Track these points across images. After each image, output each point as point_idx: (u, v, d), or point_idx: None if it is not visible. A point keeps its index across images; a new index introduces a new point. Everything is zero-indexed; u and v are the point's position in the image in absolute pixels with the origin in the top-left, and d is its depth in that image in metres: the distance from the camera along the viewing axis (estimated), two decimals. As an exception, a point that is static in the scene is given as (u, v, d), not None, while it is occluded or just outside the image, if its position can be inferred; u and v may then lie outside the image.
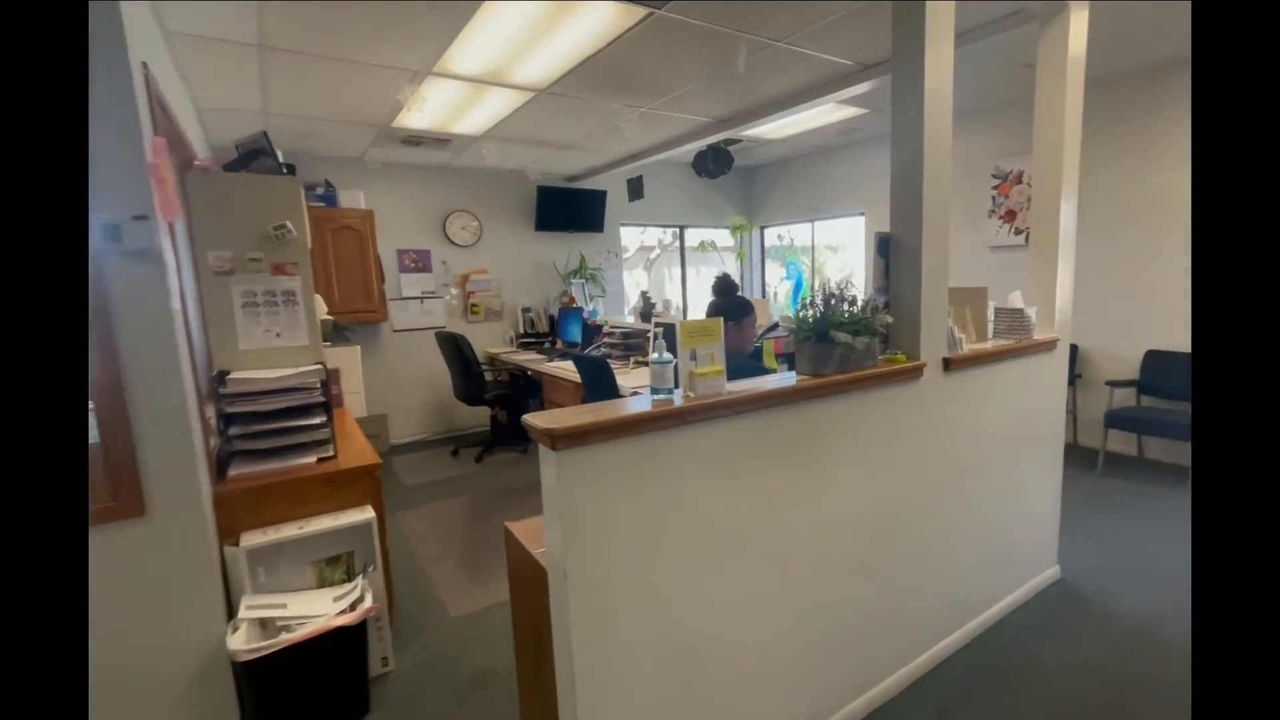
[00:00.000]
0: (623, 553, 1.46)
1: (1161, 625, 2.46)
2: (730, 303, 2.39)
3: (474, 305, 6.01)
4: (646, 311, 5.40)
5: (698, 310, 7.51)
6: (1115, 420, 4.06)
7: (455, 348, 4.97)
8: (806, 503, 1.81)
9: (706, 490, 1.58)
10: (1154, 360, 4.23)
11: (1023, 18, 2.86)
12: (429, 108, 3.95)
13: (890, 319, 1.94)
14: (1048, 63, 2.52)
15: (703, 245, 7.70)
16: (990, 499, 2.43)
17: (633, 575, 1.48)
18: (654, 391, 1.53)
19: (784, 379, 1.78)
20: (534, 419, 1.40)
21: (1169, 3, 2.99)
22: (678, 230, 7.54)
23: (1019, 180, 4.84)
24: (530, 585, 1.65)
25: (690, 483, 1.55)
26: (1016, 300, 2.44)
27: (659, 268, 7.80)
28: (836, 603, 1.94)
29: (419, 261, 5.71)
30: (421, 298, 5.75)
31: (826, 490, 1.85)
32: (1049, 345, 2.55)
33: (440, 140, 4.76)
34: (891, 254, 2.09)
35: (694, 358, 1.53)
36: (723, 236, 7.80)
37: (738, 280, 7.82)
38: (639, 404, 1.50)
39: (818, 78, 3.78)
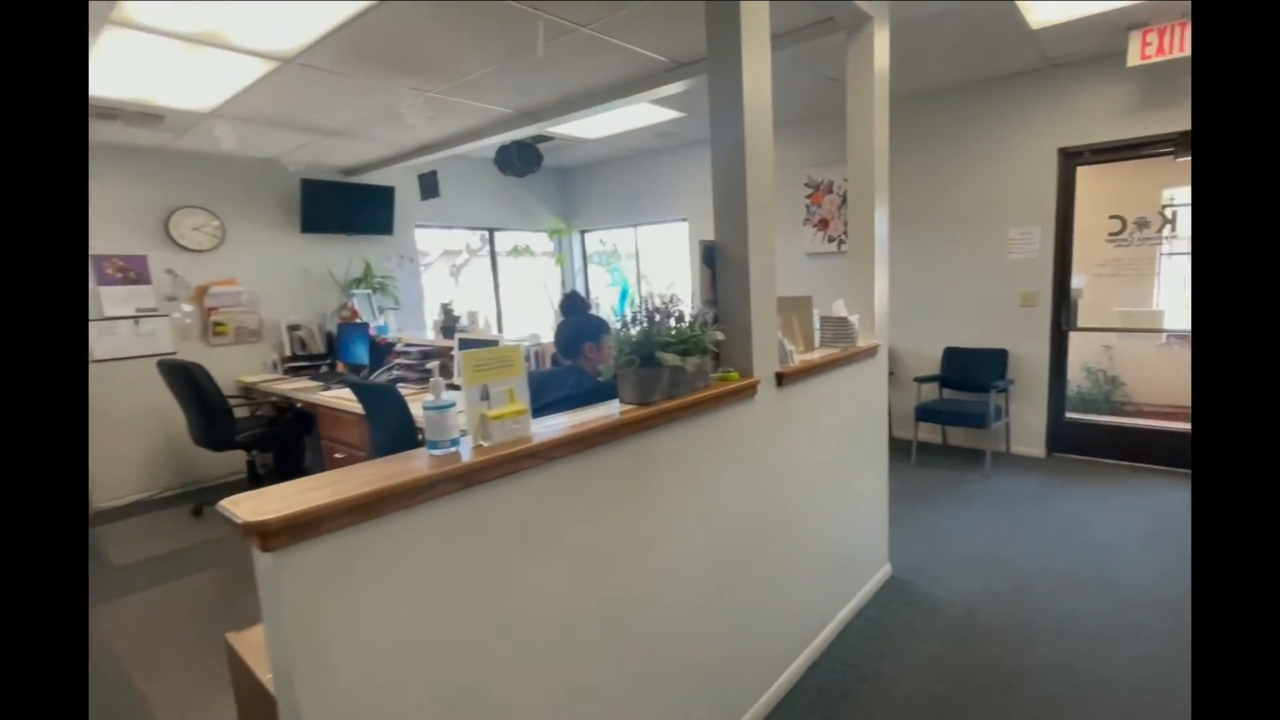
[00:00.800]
0: (396, 672, 1.07)
1: (981, 606, 2.70)
2: (589, 321, 2.10)
3: (218, 324, 4.97)
4: (449, 326, 4.88)
5: (518, 322, 7.13)
6: (924, 414, 4.50)
7: (188, 379, 4.03)
8: (641, 553, 1.56)
9: (514, 565, 1.25)
10: (951, 356, 4.76)
11: (829, 28, 2.95)
12: (118, 68, 3.10)
13: (721, 335, 1.78)
14: (856, 75, 2.60)
15: (516, 250, 7.30)
16: (828, 509, 2.42)
17: (414, 701, 1.09)
18: (431, 445, 1.17)
19: (606, 411, 1.51)
20: (235, 505, 0.96)
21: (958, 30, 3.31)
22: (486, 233, 7.08)
23: (829, 190, 5.22)
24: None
25: (490, 561, 1.21)
26: (840, 308, 2.46)
27: (472, 274, 7.23)
28: (681, 659, 1.74)
29: (130, 271, 4.57)
30: (136, 317, 4.61)
31: (663, 534, 1.63)
32: (871, 351, 2.62)
33: (147, 115, 3.82)
34: (718, 264, 1.93)
35: (485, 396, 1.20)
36: (540, 240, 7.49)
37: (561, 288, 7.60)
38: (408, 464, 1.12)
39: (629, 73, 3.66)
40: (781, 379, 2.03)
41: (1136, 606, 2.68)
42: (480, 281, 7.21)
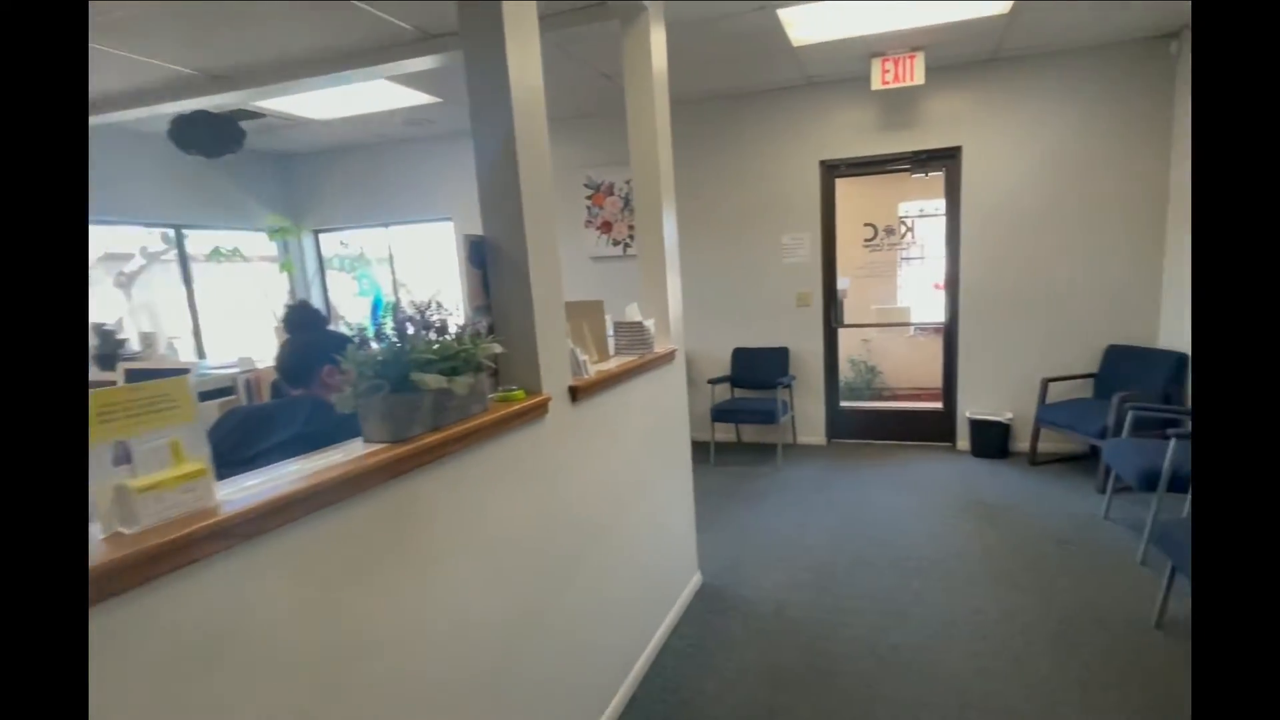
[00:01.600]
0: None
1: (789, 599, 2.78)
2: (325, 338, 1.66)
3: None
4: (110, 354, 3.60)
5: (227, 344, 5.49)
6: (719, 414, 4.62)
7: None
8: (405, 635, 1.24)
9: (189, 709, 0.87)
10: (740, 356, 4.98)
11: (602, 12, 2.83)
12: None
13: (499, 347, 1.52)
14: (634, 71, 2.51)
15: (219, 253, 5.92)
16: (637, 528, 2.27)
17: None
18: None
19: (345, 456, 1.17)
20: None
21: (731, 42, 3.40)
22: (171, 231, 5.49)
23: (611, 192, 5.17)
24: None
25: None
26: (635, 313, 2.33)
27: (157, 285, 5.47)
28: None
29: None
30: None
31: (437, 600, 1.31)
32: (669, 357, 2.54)
33: None
34: (491, 264, 1.67)
35: (128, 458, 0.81)
36: (257, 242, 6.18)
37: (291, 299, 6.34)
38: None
39: (361, 40, 3.19)
40: (576, 393, 1.82)
41: (916, 574, 2.94)
42: (170, 295, 5.53)
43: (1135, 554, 3.02)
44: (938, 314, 4.81)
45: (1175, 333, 4.02)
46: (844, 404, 5.07)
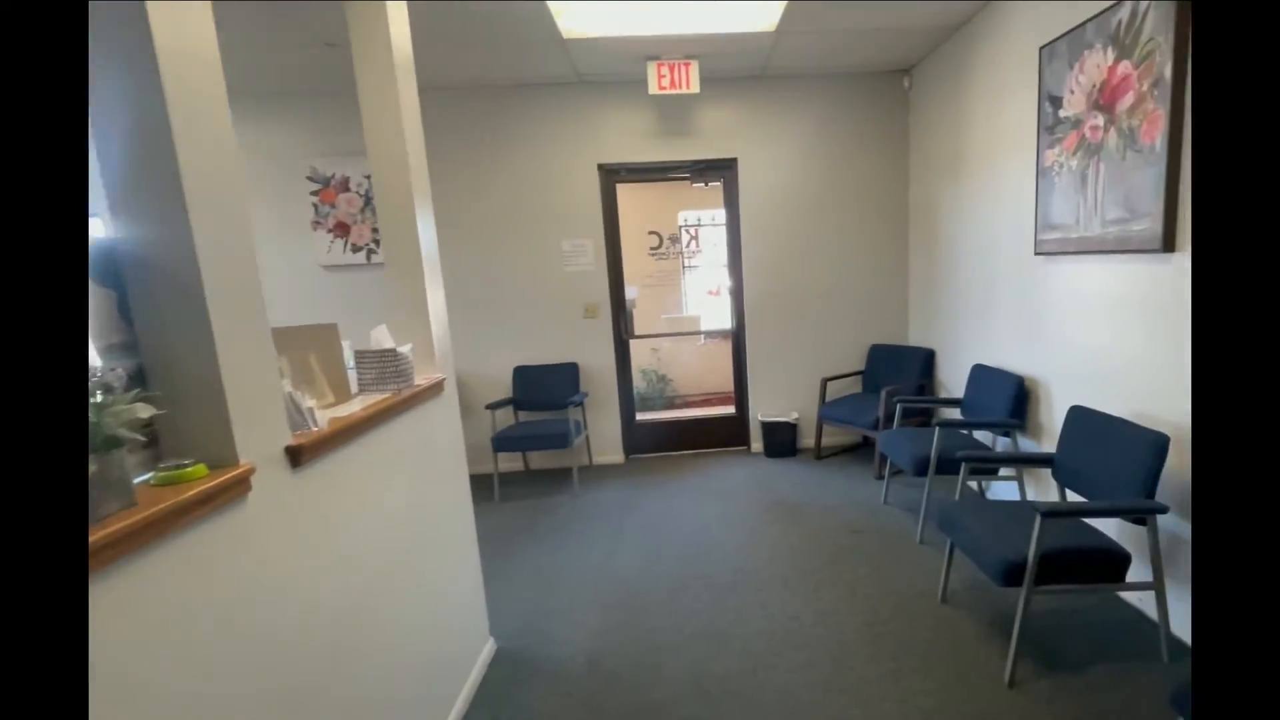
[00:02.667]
0: None
1: (604, 646, 2.51)
2: None
3: None
4: None
5: None
6: (503, 443, 4.16)
7: None
8: None
9: None
10: (523, 376, 4.60)
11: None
12: None
13: (148, 409, 1.01)
14: (365, 43, 2.04)
15: None
16: (405, 608, 1.81)
17: None
18: None
19: None
20: None
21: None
22: None
23: (346, 187, 4.47)
24: None
25: None
26: (384, 338, 1.87)
27: None
28: None
29: None
30: None
31: None
32: (436, 388, 2.10)
33: None
34: (133, 282, 1.15)
35: None
36: None
37: None
38: None
39: None
40: (298, 455, 1.34)
41: (732, 590, 2.86)
42: None
43: (915, 534, 3.28)
44: (725, 320, 4.94)
45: (921, 330, 4.54)
46: (640, 417, 4.99)
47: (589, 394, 4.69)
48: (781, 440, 4.61)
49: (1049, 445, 3.12)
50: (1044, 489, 3.18)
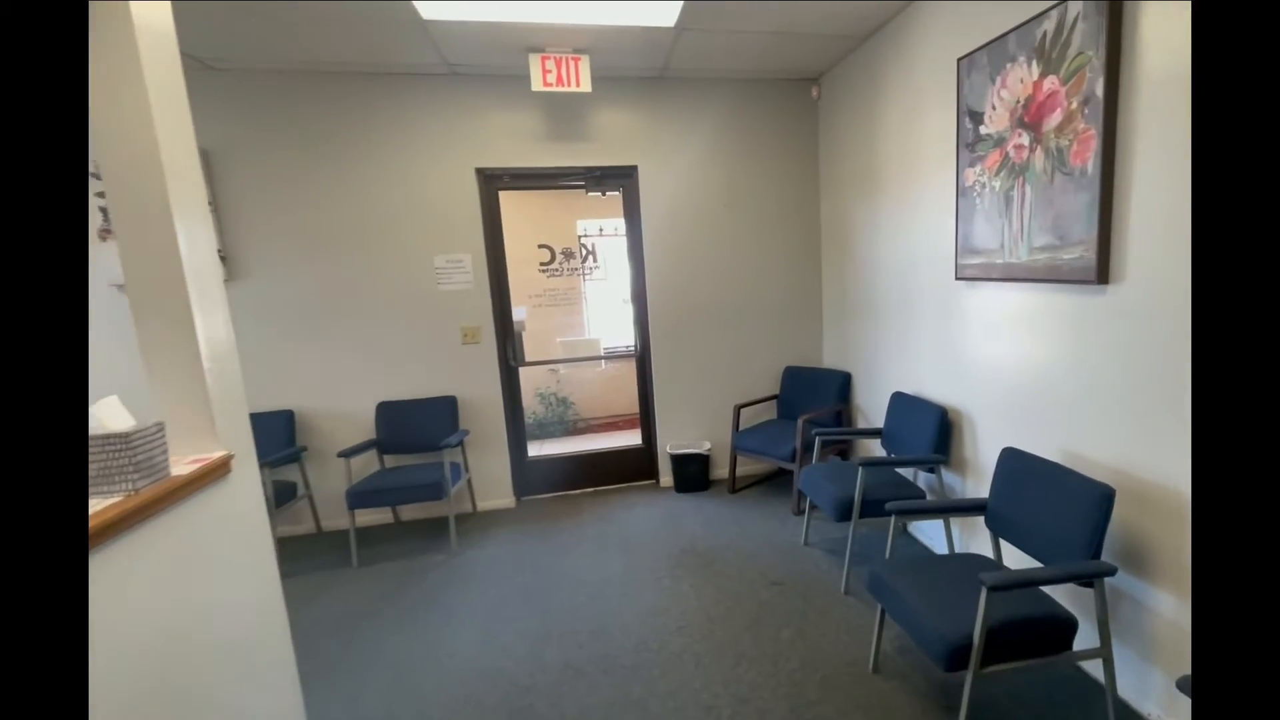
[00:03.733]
0: None
1: None
2: None
3: None
4: None
5: None
6: (360, 498, 3.52)
7: None
8: None
9: None
10: (389, 413, 4.00)
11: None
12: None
13: None
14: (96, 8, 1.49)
15: None
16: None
17: None
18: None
19: None
20: None
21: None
22: None
23: None
24: None
25: None
26: (113, 416, 1.32)
27: None
28: None
29: None
30: None
31: None
32: (217, 470, 1.56)
33: None
34: None
35: None
36: None
37: None
38: None
39: None
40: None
41: (636, 674, 2.45)
42: None
43: (839, 584, 3.03)
44: (629, 338, 4.56)
45: (836, 352, 4.35)
46: (533, 454, 4.51)
47: (470, 430, 4.17)
48: (692, 474, 4.27)
49: (974, 481, 2.95)
50: (970, 530, 3.00)
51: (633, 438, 4.64)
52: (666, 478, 4.43)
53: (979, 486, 2.91)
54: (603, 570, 3.32)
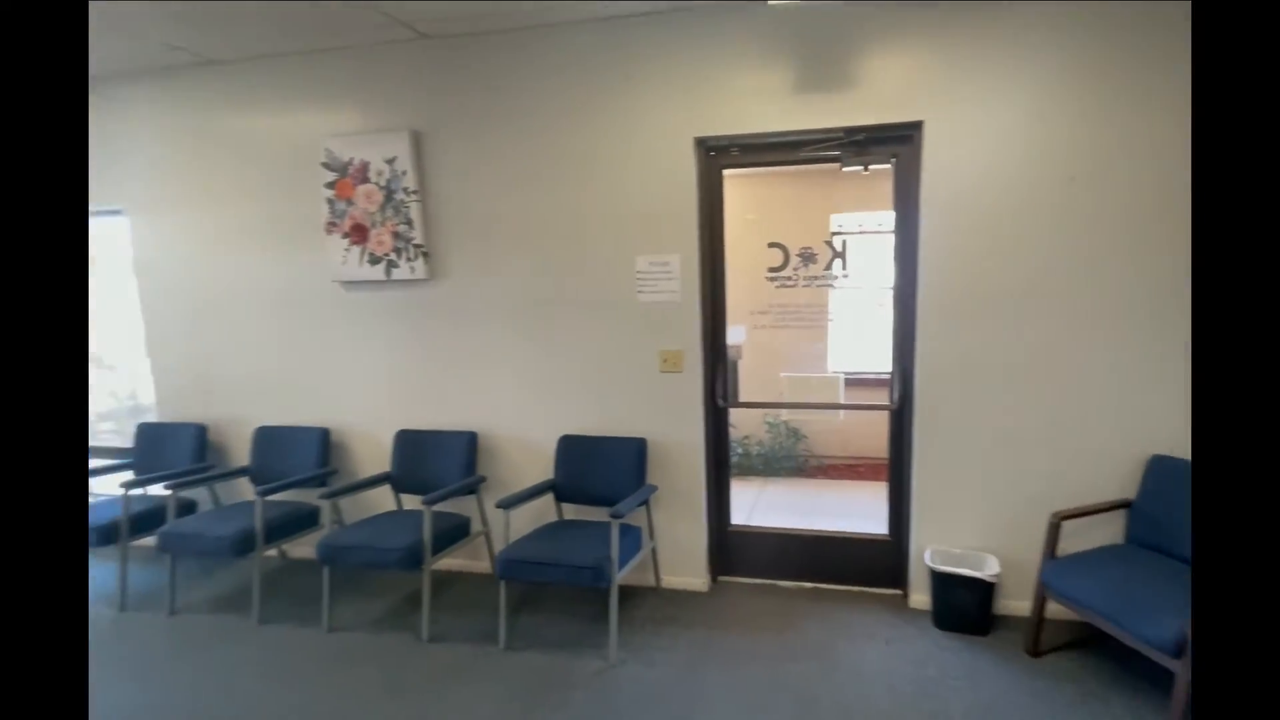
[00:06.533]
0: None
1: None
2: None
3: None
4: None
5: None
6: (509, 568, 2.72)
7: None
8: None
9: None
10: (568, 452, 3.24)
11: None
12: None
13: None
14: None
15: None
16: None
17: None
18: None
19: None
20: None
21: None
22: None
23: (364, 176, 3.34)
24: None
25: None
26: None
27: None
28: None
29: None
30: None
31: None
32: None
33: None
34: None
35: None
36: None
37: None
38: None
39: None
40: None
41: None
42: None
43: None
44: (879, 365, 3.24)
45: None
46: (736, 524, 3.44)
47: (659, 486, 3.24)
48: (964, 604, 2.83)
49: None
50: None
51: (875, 509, 3.31)
52: (920, 594, 3.05)
53: None
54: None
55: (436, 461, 3.35)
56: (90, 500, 3.57)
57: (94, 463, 3.71)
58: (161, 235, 3.74)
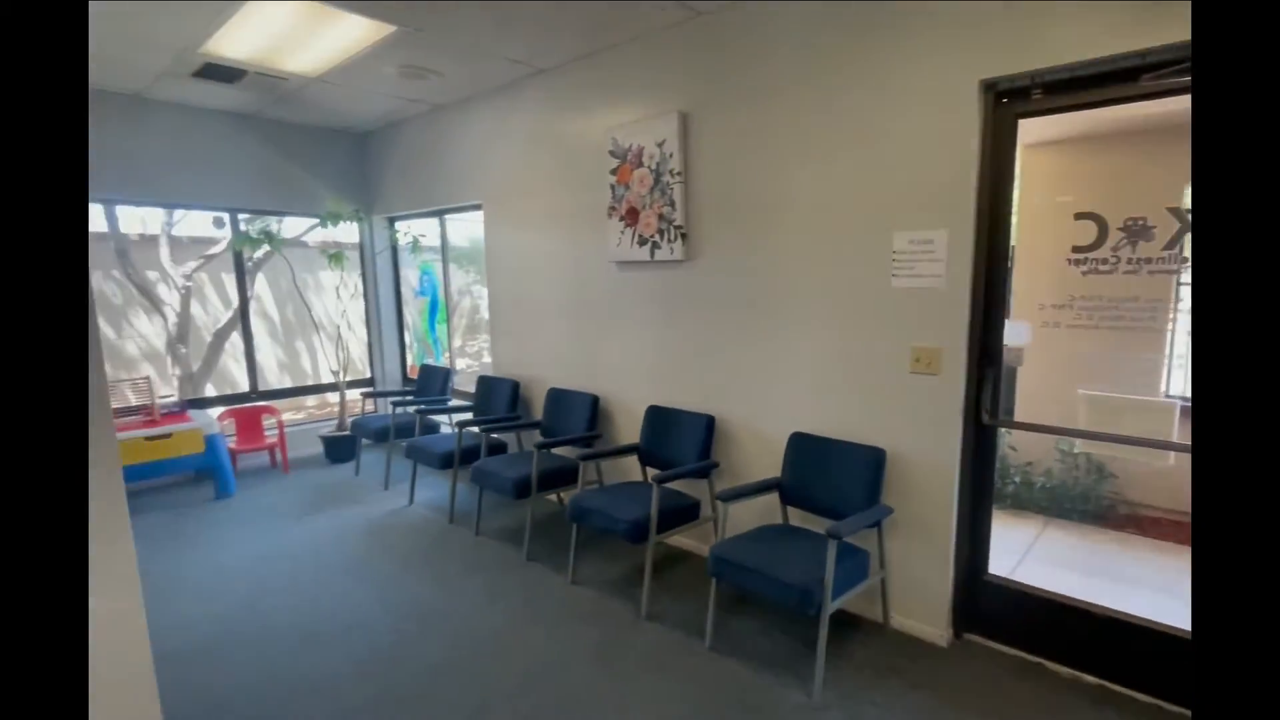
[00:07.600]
0: None
1: None
2: None
3: None
4: None
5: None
6: (720, 567, 2.53)
7: None
8: None
9: None
10: (796, 450, 2.88)
11: None
12: None
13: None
14: None
15: (256, 237, 5.11)
16: None
17: None
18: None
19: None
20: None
21: None
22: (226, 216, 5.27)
23: (639, 161, 3.44)
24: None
25: None
26: None
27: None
28: None
29: None
30: None
31: None
32: None
33: None
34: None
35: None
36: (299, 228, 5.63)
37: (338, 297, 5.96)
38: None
39: None
40: None
41: None
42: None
43: None
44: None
45: None
46: (995, 574, 2.73)
47: (896, 509, 2.72)
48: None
49: None
50: None
51: (1176, 605, 2.37)
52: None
53: None
54: None
55: (677, 440, 3.38)
56: (440, 433, 4.73)
57: (454, 401, 4.97)
58: (501, 225, 4.46)
